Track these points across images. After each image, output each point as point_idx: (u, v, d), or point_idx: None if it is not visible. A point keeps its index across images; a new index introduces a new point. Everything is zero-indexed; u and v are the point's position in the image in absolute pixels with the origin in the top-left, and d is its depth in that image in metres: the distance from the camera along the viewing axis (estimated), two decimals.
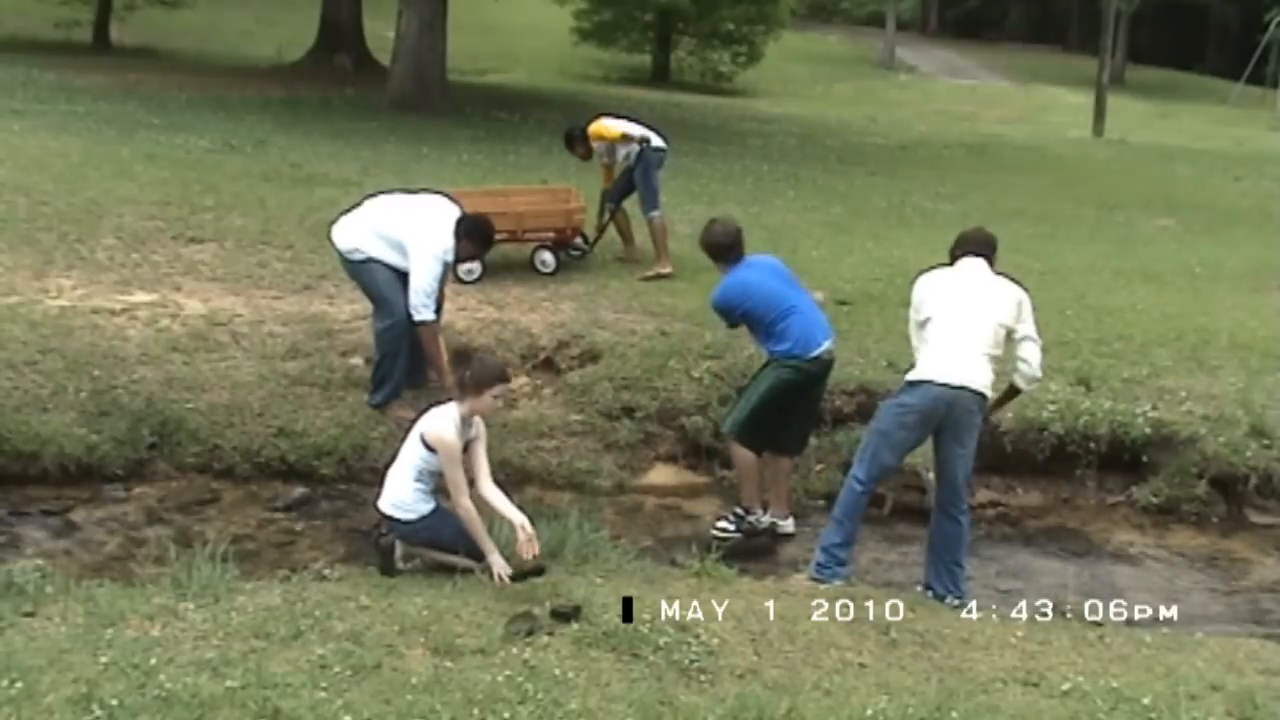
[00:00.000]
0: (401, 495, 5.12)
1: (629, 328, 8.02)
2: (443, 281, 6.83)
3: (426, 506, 5.13)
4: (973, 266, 5.78)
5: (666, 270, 9.13)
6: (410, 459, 5.14)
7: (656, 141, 9.27)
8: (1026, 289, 5.85)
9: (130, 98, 15.80)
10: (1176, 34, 43.15)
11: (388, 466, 5.36)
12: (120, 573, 5.35)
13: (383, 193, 7.23)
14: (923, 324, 5.61)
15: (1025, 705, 4.32)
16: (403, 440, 5.29)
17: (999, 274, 5.82)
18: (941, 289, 5.68)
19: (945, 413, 5.47)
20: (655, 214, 9.24)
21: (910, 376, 5.58)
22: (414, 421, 5.30)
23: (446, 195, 7.13)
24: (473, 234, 6.78)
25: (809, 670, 4.46)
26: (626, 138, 9.22)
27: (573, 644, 4.44)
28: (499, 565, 4.95)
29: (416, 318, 6.62)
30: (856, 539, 5.75)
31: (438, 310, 6.81)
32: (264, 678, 4.02)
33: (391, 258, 6.73)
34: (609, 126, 9.40)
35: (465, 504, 5.00)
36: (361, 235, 6.82)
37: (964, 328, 5.55)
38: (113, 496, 6.21)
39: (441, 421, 5.07)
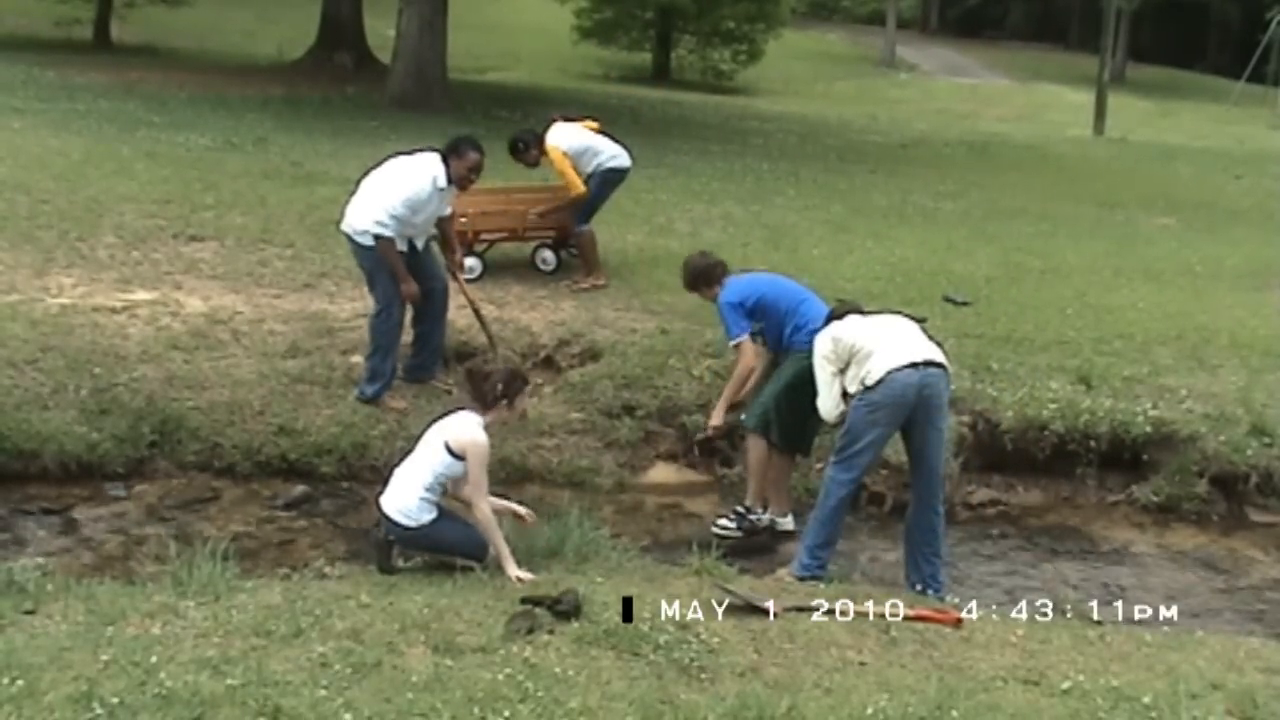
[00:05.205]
0: (407, 502, 5.10)
1: (629, 326, 8.03)
2: (432, 225, 7.04)
3: (429, 516, 5.11)
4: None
5: (601, 282, 8.80)
6: (427, 465, 5.13)
7: (614, 163, 8.71)
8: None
9: (131, 96, 15.79)
10: (1177, 32, 43.11)
11: (394, 466, 5.36)
12: (121, 571, 5.36)
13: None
14: (856, 354, 5.58)
15: (1025, 704, 4.32)
16: (414, 445, 5.30)
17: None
18: (857, 327, 5.70)
19: (915, 399, 5.48)
20: (584, 228, 8.78)
21: (868, 380, 5.51)
22: (429, 425, 5.32)
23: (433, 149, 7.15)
24: (456, 147, 6.89)
25: (809, 669, 4.46)
26: (576, 158, 8.54)
27: (573, 642, 4.44)
28: (515, 572, 5.03)
29: (374, 230, 6.73)
30: (839, 539, 5.77)
31: (444, 286, 7.12)
32: (264, 676, 4.02)
33: (392, 215, 6.74)
34: (561, 145, 8.55)
35: (485, 509, 5.07)
36: (365, 210, 6.85)
37: (901, 328, 5.70)
38: (113, 495, 6.22)
39: (471, 427, 5.13)
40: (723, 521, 6.33)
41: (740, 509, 6.33)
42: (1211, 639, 5.20)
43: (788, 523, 6.43)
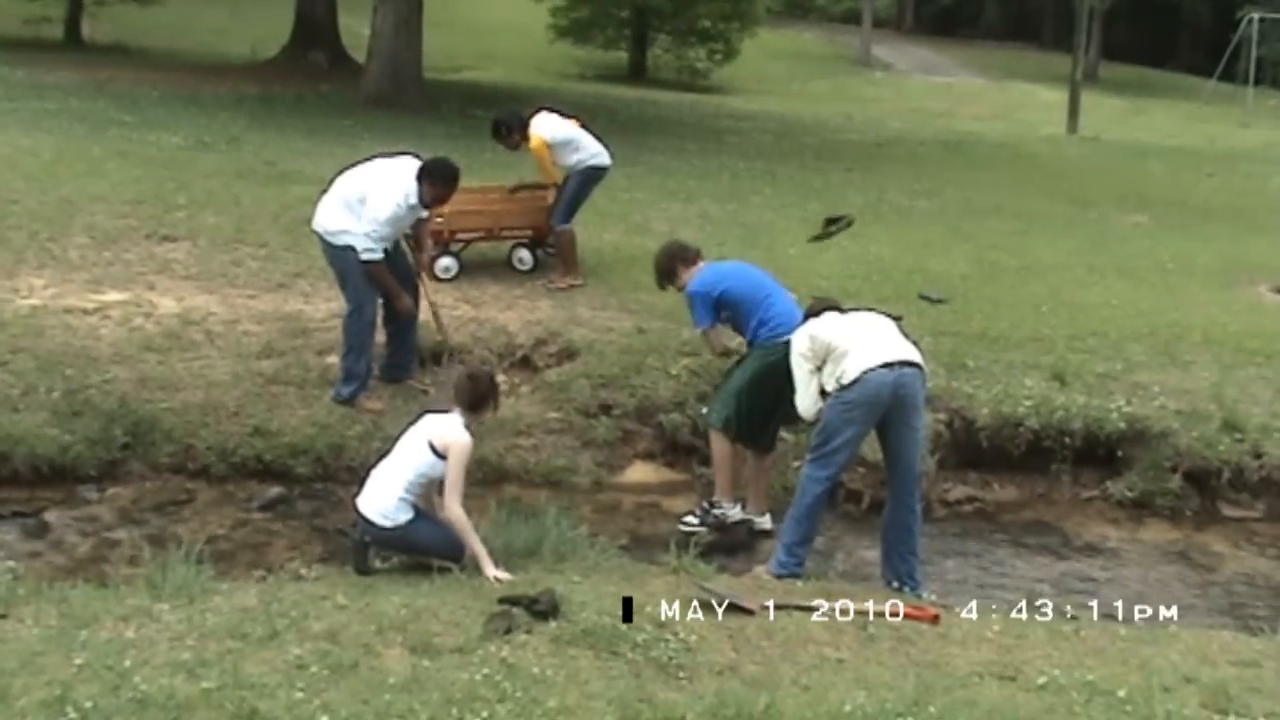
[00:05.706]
0: (385, 503, 5.09)
1: (606, 325, 8.02)
2: (406, 229, 7.05)
3: (405, 516, 5.10)
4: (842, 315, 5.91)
5: (578, 282, 8.75)
6: (409, 464, 5.12)
7: (595, 160, 8.67)
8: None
9: (102, 95, 15.65)
10: (1149, 31, 43.42)
11: (370, 468, 5.34)
12: (94, 574, 5.32)
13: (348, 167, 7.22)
14: (832, 353, 5.59)
15: (1002, 699, 4.34)
16: (390, 446, 5.27)
17: None
18: (833, 325, 5.73)
19: (890, 398, 5.50)
20: (565, 227, 8.72)
21: (844, 379, 5.53)
22: (408, 426, 5.30)
23: (415, 155, 7.11)
24: (434, 173, 6.84)
25: (787, 666, 4.47)
26: (558, 149, 8.55)
27: (551, 642, 4.43)
28: (492, 572, 5.00)
29: (363, 257, 6.73)
30: (816, 536, 5.79)
31: (414, 286, 7.10)
32: (240, 678, 3.99)
33: (378, 239, 6.74)
34: (544, 135, 8.55)
35: (457, 509, 5.05)
36: (337, 212, 6.84)
37: (877, 327, 5.75)
38: (86, 497, 6.17)
39: (454, 426, 5.14)
40: (688, 518, 6.34)
41: (705, 504, 6.34)
42: (1185, 633, 5.24)
43: (765, 522, 6.44)
